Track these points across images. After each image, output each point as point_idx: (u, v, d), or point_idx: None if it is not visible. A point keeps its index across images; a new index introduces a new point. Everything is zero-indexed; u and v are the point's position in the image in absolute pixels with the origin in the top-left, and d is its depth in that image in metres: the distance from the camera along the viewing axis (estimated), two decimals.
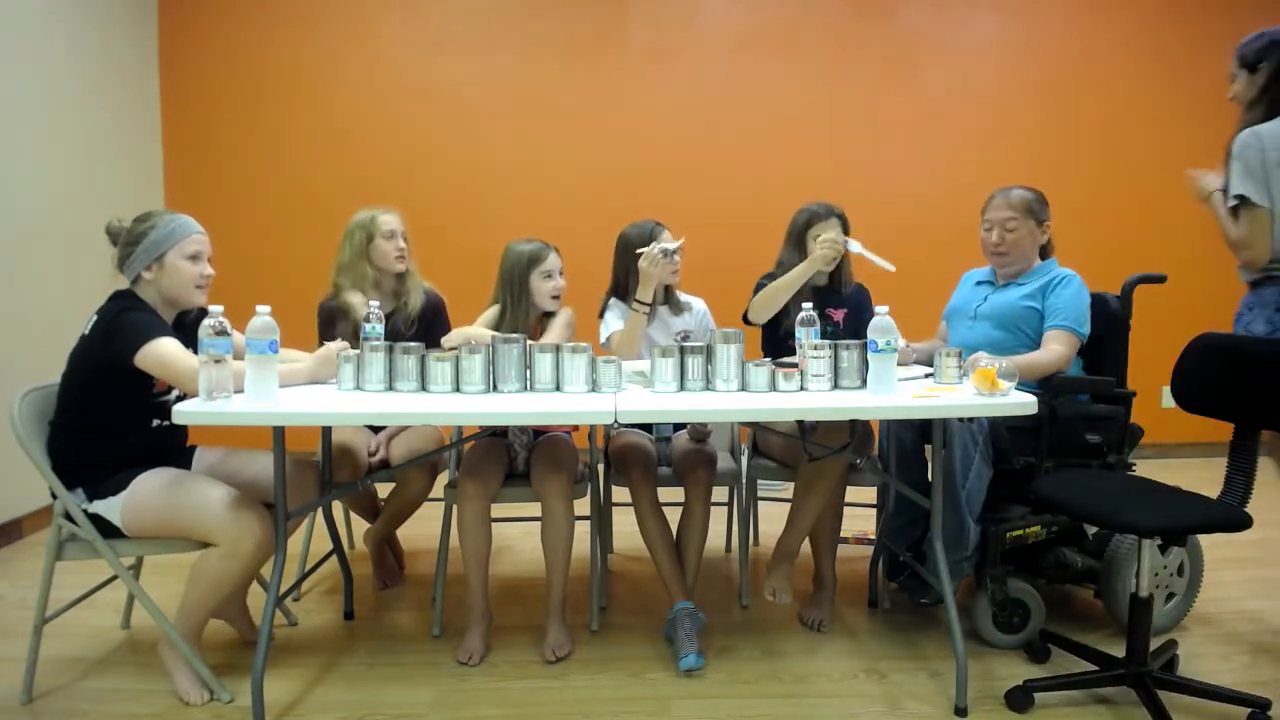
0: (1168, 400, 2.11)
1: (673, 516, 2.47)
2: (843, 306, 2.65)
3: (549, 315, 2.58)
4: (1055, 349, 2.33)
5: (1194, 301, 4.40)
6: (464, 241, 3.80)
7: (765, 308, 2.59)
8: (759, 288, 2.73)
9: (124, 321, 1.98)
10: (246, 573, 2.07)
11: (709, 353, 2.05)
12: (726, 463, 2.72)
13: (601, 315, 2.74)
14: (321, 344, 2.60)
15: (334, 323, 2.63)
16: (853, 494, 2.57)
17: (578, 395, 1.99)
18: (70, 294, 2.78)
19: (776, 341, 2.65)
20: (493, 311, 2.55)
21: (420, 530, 2.94)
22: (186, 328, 2.13)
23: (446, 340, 2.45)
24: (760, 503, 3.24)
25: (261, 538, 2.01)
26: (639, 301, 2.55)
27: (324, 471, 2.36)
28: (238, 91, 4.32)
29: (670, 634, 2.33)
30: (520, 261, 2.50)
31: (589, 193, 4.36)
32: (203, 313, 1.94)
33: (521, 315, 2.50)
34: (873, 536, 2.90)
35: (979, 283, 2.63)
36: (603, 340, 2.71)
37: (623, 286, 2.70)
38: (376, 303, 2.30)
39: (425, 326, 2.69)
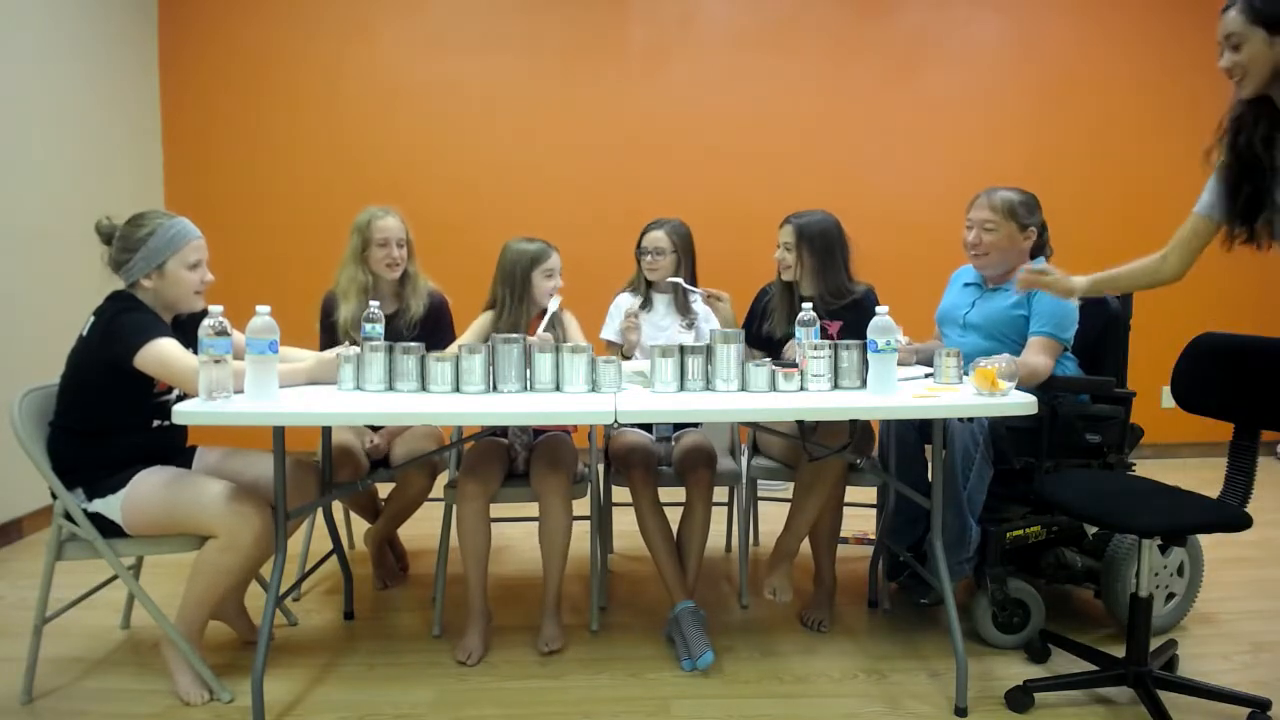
0: (1168, 400, 2.10)
1: (673, 516, 2.46)
2: (840, 318, 2.56)
3: (545, 313, 2.58)
4: (1034, 359, 2.30)
5: (1194, 301, 4.40)
6: (464, 240, 3.79)
7: None
8: (759, 297, 2.74)
9: (122, 322, 1.98)
10: (246, 566, 2.07)
11: (709, 353, 2.05)
12: (726, 463, 2.72)
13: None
14: (320, 331, 2.68)
15: (333, 313, 2.64)
16: (853, 494, 2.57)
17: (578, 395, 1.99)
18: (70, 294, 2.78)
19: (758, 342, 2.66)
20: (489, 316, 2.54)
21: (420, 530, 2.94)
22: (184, 327, 2.13)
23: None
24: (760, 503, 3.24)
25: (260, 529, 2.01)
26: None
27: (324, 472, 2.36)
28: (238, 91, 4.32)
29: (672, 634, 2.33)
30: (523, 259, 2.50)
31: (589, 192, 4.36)
32: (202, 312, 1.94)
33: (522, 313, 2.50)
34: (873, 536, 2.90)
35: (966, 284, 2.61)
36: (602, 335, 2.79)
37: (634, 278, 2.87)
38: (377, 303, 2.30)
39: (427, 330, 2.68)
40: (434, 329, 2.70)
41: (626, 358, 2.68)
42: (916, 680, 2.19)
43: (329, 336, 2.65)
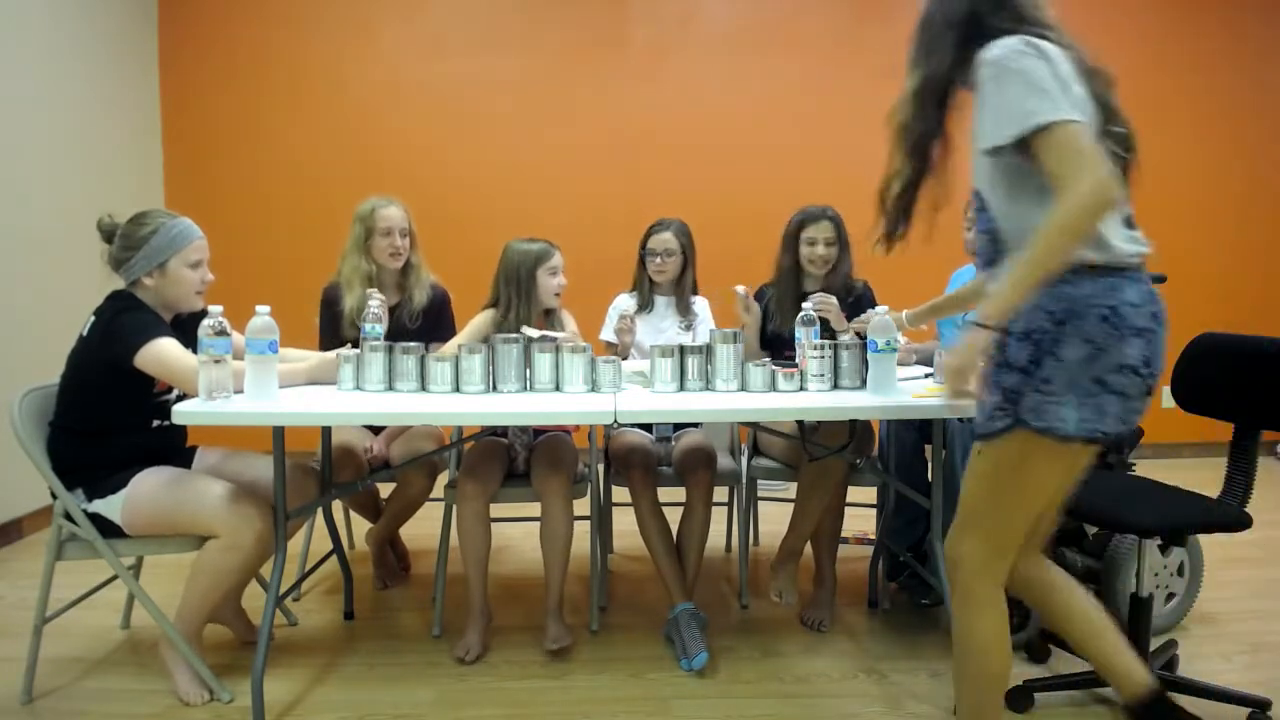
0: (1168, 400, 2.10)
1: (673, 516, 2.46)
2: (845, 314, 2.58)
3: (550, 312, 2.59)
4: None
5: (1194, 301, 4.39)
6: (464, 239, 3.79)
7: None
8: (758, 298, 2.74)
9: (122, 322, 1.98)
10: (247, 565, 2.07)
11: (709, 353, 2.05)
12: (726, 463, 2.72)
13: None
14: (321, 324, 2.69)
15: (335, 304, 2.63)
16: (853, 494, 2.57)
17: (577, 395, 1.99)
18: (70, 294, 2.78)
19: (766, 344, 2.66)
20: (488, 315, 2.54)
21: (420, 530, 2.94)
22: (184, 326, 2.13)
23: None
24: (760, 503, 3.24)
25: (261, 529, 2.01)
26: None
27: (324, 472, 2.36)
28: (238, 91, 4.32)
29: (671, 634, 2.33)
30: (528, 259, 2.49)
31: (589, 192, 4.36)
32: (202, 312, 1.94)
33: (529, 312, 2.50)
34: (873, 536, 2.90)
35: None
36: (601, 336, 2.80)
37: (636, 279, 2.86)
38: (376, 302, 2.30)
39: (430, 322, 2.69)
40: (436, 321, 2.71)
41: (622, 358, 2.68)
42: (916, 680, 2.19)
43: (332, 327, 2.65)
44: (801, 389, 2.03)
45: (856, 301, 2.59)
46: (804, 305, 2.20)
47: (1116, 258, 1.41)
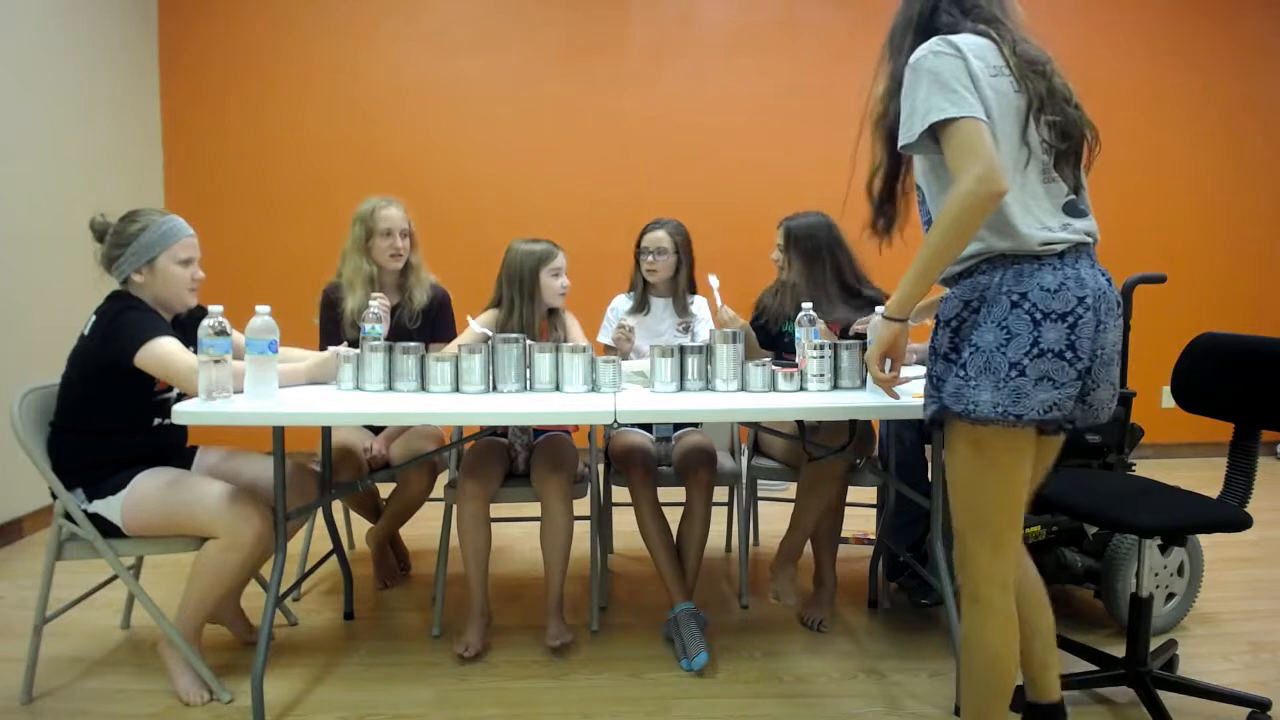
0: (1168, 400, 2.11)
1: (673, 516, 2.46)
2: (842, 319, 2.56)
3: (553, 313, 2.59)
4: None
5: (1194, 301, 4.41)
6: (465, 239, 3.80)
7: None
8: (761, 301, 2.74)
9: (123, 321, 1.98)
10: (247, 565, 2.07)
11: (709, 353, 2.05)
12: (726, 463, 2.72)
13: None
14: (321, 324, 2.68)
15: (336, 305, 2.63)
16: (853, 494, 2.57)
17: (577, 395, 1.99)
18: (70, 294, 2.78)
19: (768, 340, 2.66)
20: (492, 313, 2.55)
21: (420, 530, 2.94)
22: (184, 326, 2.13)
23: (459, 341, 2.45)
24: (760, 503, 3.24)
25: (261, 528, 2.01)
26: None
27: (324, 472, 2.36)
28: (237, 91, 4.32)
29: (671, 634, 2.33)
30: (531, 260, 2.50)
31: (589, 191, 4.37)
32: (201, 311, 1.94)
33: (532, 312, 2.51)
34: (873, 536, 2.90)
35: None
36: (599, 338, 2.79)
37: (633, 279, 2.85)
38: (377, 302, 2.30)
39: (430, 322, 2.69)
40: (436, 321, 2.71)
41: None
42: (916, 680, 2.19)
43: (332, 329, 2.65)
44: (801, 389, 2.03)
45: (868, 303, 2.57)
46: (804, 305, 2.20)
47: (1025, 245, 1.43)
